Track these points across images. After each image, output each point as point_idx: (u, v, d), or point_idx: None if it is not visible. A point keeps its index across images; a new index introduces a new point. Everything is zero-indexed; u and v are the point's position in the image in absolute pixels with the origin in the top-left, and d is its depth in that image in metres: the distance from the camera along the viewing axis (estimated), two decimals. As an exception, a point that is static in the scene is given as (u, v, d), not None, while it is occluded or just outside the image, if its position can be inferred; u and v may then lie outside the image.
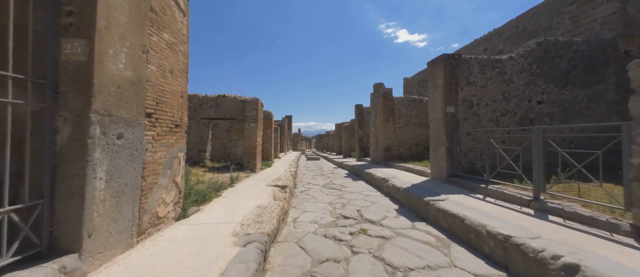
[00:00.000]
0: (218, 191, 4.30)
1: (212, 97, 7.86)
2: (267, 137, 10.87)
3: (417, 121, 8.66)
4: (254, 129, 7.44)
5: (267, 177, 6.15)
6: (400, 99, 8.62)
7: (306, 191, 5.61)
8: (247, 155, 7.40)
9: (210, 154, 10.08)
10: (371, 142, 9.87)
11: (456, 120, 5.12)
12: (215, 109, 7.81)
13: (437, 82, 5.25)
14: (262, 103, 8.04)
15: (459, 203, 3.41)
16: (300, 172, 9.25)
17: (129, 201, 2.00)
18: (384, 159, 8.44)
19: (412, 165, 6.92)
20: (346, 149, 15.83)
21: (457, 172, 4.91)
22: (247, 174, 6.76)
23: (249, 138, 7.42)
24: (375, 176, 6.16)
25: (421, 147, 8.65)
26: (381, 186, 5.63)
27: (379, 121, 8.77)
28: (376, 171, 6.85)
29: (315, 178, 7.67)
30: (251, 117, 7.44)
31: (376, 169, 7.16)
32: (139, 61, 2.08)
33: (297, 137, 39.11)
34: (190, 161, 7.56)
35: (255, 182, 5.38)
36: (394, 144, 8.51)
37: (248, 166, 7.37)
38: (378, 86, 9.13)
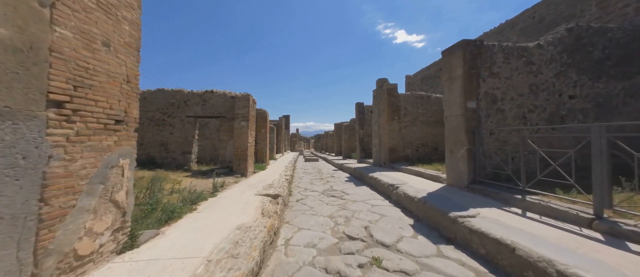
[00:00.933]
0: (195, 203, 3.52)
1: (199, 93, 7.08)
2: (261, 138, 10.10)
3: (424, 120, 7.93)
4: (245, 128, 6.67)
5: (259, 183, 5.38)
6: (406, 96, 7.89)
7: (303, 200, 4.85)
8: (237, 157, 6.63)
9: (198, 156, 9.29)
10: (374, 142, 9.13)
11: (478, 117, 4.37)
12: (202, 106, 7.03)
13: (455, 73, 4.51)
14: (254, 100, 7.26)
15: (496, 221, 2.67)
16: (297, 176, 8.49)
17: (9, 241, 1.23)
18: (389, 161, 7.70)
19: (421, 168, 6.17)
20: (346, 149, 15.09)
21: (480, 178, 4.16)
22: (237, 179, 5.99)
23: (239, 138, 6.64)
24: (381, 182, 5.41)
25: (429, 148, 7.92)
26: (389, 194, 4.88)
27: (383, 120, 8.02)
28: (381, 175, 6.09)
29: (313, 183, 6.91)
30: (241, 115, 6.66)
31: (381, 173, 6.41)
32: (30, 16, 1.31)
33: (295, 137, 38.35)
34: (172, 164, 6.78)
35: (244, 190, 4.60)
36: (399, 145, 7.77)
37: (238, 170, 6.59)
38: (381, 82, 8.38)
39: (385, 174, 6.28)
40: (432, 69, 13.15)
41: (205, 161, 9.22)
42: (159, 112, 6.93)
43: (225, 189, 4.73)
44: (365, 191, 5.66)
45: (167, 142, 6.90)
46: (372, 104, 9.36)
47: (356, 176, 7.68)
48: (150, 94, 6.96)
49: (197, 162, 8.82)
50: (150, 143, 6.86)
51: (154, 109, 6.93)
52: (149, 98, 6.95)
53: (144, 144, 6.85)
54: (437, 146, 7.95)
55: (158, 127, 6.91)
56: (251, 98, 6.90)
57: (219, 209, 3.31)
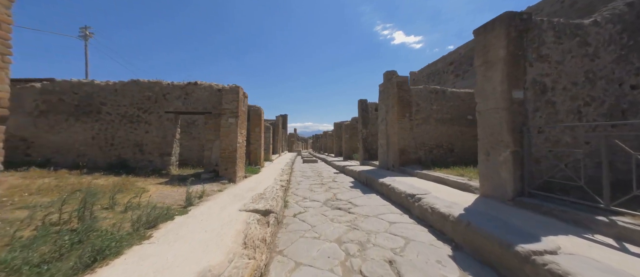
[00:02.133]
0: (152, 227, 2.55)
1: (180, 85, 6.09)
2: (255, 137, 9.13)
3: (439, 117, 7.00)
4: (234, 126, 5.70)
5: (248, 192, 4.42)
6: (418, 90, 6.96)
7: (302, 214, 3.89)
8: (224, 160, 5.65)
9: (183, 158, 8.31)
10: (380, 143, 8.19)
11: (525, 111, 3.45)
12: (183, 100, 6.04)
13: (494, 55, 3.58)
14: (245, 93, 6.29)
15: (593, 263, 1.74)
16: (294, 180, 7.53)
17: None
18: (399, 163, 6.76)
19: (442, 174, 5.24)
20: (347, 150, 14.15)
21: (531, 189, 3.23)
22: (222, 186, 5.02)
23: (227, 138, 5.67)
24: (396, 190, 4.46)
25: (444, 150, 7.00)
26: (409, 207, 3.94)
27: (392, 117, 7.09)
28: (394, 181, 5.15)
29: (313, 189, 5.95)
30: (229, 110, 5.69)
31: (393, 179, 5.47)
32: None
33: (293, 137, 37.37)
34: (148, 168, 5.79)
35: (227, 202, 3.63)
36: (410, 146, 6.84)
37: (225, 175, 5.62)
38: (390, 74, 7.45)
39: (399, 180, 5.34)
40: (439, 64, 12.25)
41: (192, 164, 8.23)
42: (133, 108, 5.93)
43: (204, 201, 3.76)
44: (375, 200, 4.71)
45: (143, 142, 5.90)
46: (378, 100, 8.43)
47: (362, 181, 6.74)
48: (122, 86, 5.96)
49: (181, 165, 7.83)
50: (122, 143, 5.86)
51: (127, 103, 5.93)
52: (121, 91, 5.94)
53: (115, 144, 5.84)
54: (453, 147, 7.04)
55: (132, 124, 5.91)
56: (241, 91, 5.93)
57: (184, 237, 2.34)
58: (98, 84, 5.91)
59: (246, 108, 6.57)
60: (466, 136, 7.08)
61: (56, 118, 5.72)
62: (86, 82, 5.90)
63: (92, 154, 5.73)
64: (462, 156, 6.99)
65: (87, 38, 17.45)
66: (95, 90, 5.87)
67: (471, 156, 7.02)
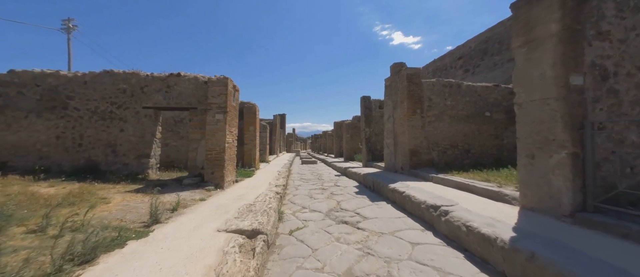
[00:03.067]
0: (88, 262, 1.79)
1: (161, 77, 5.32)
2: (249, 137, 8.37)
3: (453, 114, 6.27)
4: (221, 123, 4.93)
5: (235, 202, 3.66)
6: (431, 84, 6.22)
7: (300, 231, 3.14)
8: (209, 162, 4.89)
9: (169, 160, 7.53)
10: (386, 142, 7.45)
11: (585, 101, 2.72)
12: (164, 94, 5.27)
13: (543, 31, 2.84)
14: (236, 86, 5.53)
15: None
16: (292, 184, 6.78)
17: None
18: (410, 166, 6.02)
19: (463, 178, 4.50)
20: (348, 151, 13.41)
21: (598, 202, 2.50)
22: (207, 192, 4.27)
23: (213, 137, 4.90)
24: (414, 200, 3.72)
25: (460, 151, 6.26)
26: (432, 221, 3.21)
27: (402, 114, 6.35)
28: (409, 187, 4.41)
29: (313, 196, 5.20)
30: (217, 105, 4.93)
31: (406, 184, 4.73)
32: None
33: (291, 137, 36.61)
34: (123, 171, 5.01)
35: (205, 218, 2.87)
36: (422, 146, 6.10)
37: (212, 179, 4.86)
38: (398, 66, 6.71)
39: (413, 185, 4.59)
40: (446, 59, 11.53)
41: (180, 167, 7.44)
42: (106, 102, 5.15)
43: (178, 215, 3.00)
44: (387, 211, 3.97)
45: (116, 143, 5.12)
46: (384, 96, 7.69)
47: (368, 185, 5.99)
48: (93, 78, 5.17)
49: (167, 167, 7.05)
50: (92, 143, 5.07)
51: (98, 97, 5.15)
52: (91, 83, 5.16)
53: (84, 144, 5.05)
54: (470, 148, 6.31)
55: (104, 122, 5.13)
56: (230, 83, 5.17)
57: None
58: (64, 75, 5.12)
59: (237, 103, 5.81)
60: (484, 135, 6.35)
61: (14, 115, 4.93)
62: (50, 72, 5.11)
63: (56, 156, 4.95)
64: (479, 157, 6.27)
65: (69, 31, 16.51)
66: (61, 82, 5.08)
67: (489, 158, 6.30)
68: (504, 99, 6.47)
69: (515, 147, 6.44)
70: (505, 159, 6.33)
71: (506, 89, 6.51)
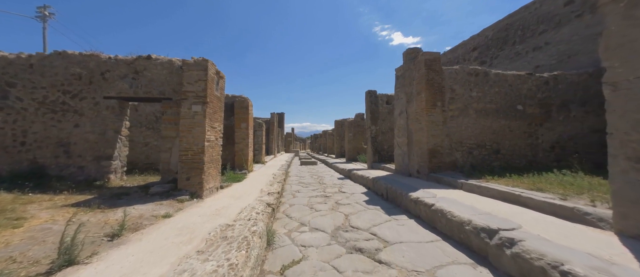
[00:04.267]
0: None
1: (127, 60, 4.33)
2: (241, 135, 7.38)
3: (480, 107, 5.30)
4: (199, 116, 3.96)
5: (209, 220, 2.69)
6: (454, 72, 5.24)
7: (295, 266, 2.17)
8: (184, 165, 3.91)
9: (146, 162, 6.55)
10: (397, 141, 6.48)
11: None
12: (131, 81, 4.29)
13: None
14: (220, 73, 4.56)
15: None
16: (289, 189, 5.80)
17: None
18: (428, 169, 5.05)
19: (510, 187, 3.52)
20: (350, 151, 12.43)
21: None
22: (179, 204, 3.29)
23: (189, 133, 3.92)
24: (452, 217, 2.75)
25: (488, 151, 5.29)
26: (484, 249, 2.24)
27: (419, 107, 5.37)
28: (437, 199, 3.44)
29: (314, 206, 4.23)
30: (193, 94, 3.95)
31: (431, 193, 3.76)
32: None
33: (290, 137, 35.63)
34: (77, 177, 4.03)
35: (152, 253, 1.89)
36: (444, 145, 5.12)
37: (187, 186, 3.88)
38: (414, 52, 5.73)
39: (441, 195, 3.62)
40: (459, 50, 10.57)
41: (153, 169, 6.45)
42: (57, 91, 4.17)
43: (115, 247, 2.02)
44: (413, 230, 2.99)
45: (70, 141, 4.13)
46: (395, 89, 6.72)
47: (380, 192, 5.01)
48: (41, 61, 4.18)
49: (143, 170, 6.07)
50: (38, 142, 4.08)
51: (47, 85, 4.15)
52: (39, 67, 4.16)
53: (28, 143, 4.06)
54: (499, 147, 5.33)
55: (54, 115, 4.14)
56: (212, 67, 4.19)
57: None
58: (5, 56, 4.13)
59: (222, 93, 4.83)
60: (515, 133, 5.39)
61: (-61, 105, 3.94)
62: (-14, 53, 4.12)
63: (-9, 157, 3.95)
64: (510, 158, 5.30)
65: (45, 18, 15.37)
66: (0, 65, 4.09)
67: (522, 159, 5.34)
68: (538, 90, 5.51)
69: (552, 147, 5.49)
70: (541, 161, 5.37)
71: (541, 79, 5.54)
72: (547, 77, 5.55)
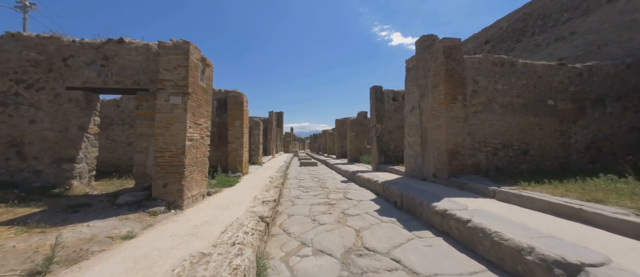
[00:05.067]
0: None
1: (94, 43, 3.65)
2: (234, 134, 6.71)
3: (506, 102, 4.63)
4: (179, 109, 3.28)
5: (182, 244, 2.03)
6: (476, 62, 4.57)
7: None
8: (161, 169, 3.23)
9: (123, 164, 5.88)
10: (409, 141, 5.81)
11: None
12: (99, 69, 3.61)
13: None
14: (206, 59, 3.89)
15: None
16: (288, 194, 5.13)
17: None
18: (449, 172, 4.38)
19: (562, 199, 2.86)
20: (353, 151, 11.77)
21: None
22: (150, 219, 2.63)
23: (166, 131, 3.25)
24: (502, 241, 2.07)
25: (515, 151, 4.62)
26: (570, 299, 1.56)
27: (436, 102, 4.71)
28: (470, 211, 2.78)
29: (316, 218, 3.56)
30: (172, 83, 3.28)
31: (460, 203, 3.10)
32: None
33: (289, 137, 34.95)
34: (31, 183, 3.34)
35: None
36: (465, 145, 4.46)
37: (163, 195, 3.20)
38: (429, 39, 5.06)
39: (475, 206, 2.96)
40: (469, 44, 9.90)
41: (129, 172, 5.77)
42: (9, 80, 3.49)
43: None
44: (445, 254, 2.33)
45: (24, 140, 3.45)
46: (406, 83, 6.06)
47: (392, 199, 4.35)
48: (-11, 43, 3.49)
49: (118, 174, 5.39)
50: (-15, 141, 3.39)
51: (-3, 72, 3.47)
52: (-13, 50, 3.48)
53: (-29, 142, 3.37)
54: (528, 148, 4.66)
55: (4, 108, 3.46)
56: (196, 52, 3.51)
57: None
58: (-56, 38, 3.44)
59: (209, 85, 4.15)
60: (545, 131, 4.72)
61: None
62: None
63: None
64: (540, 160, 4.64)
65: (25, 9, 14.45)
66: (-61, 49, 3.40)
67: (553, 161, 4.68)
68: (571, 82, 4.85)
69: (587, 148, 4.81)
70: (574, 163, 4.72)
71: (574, 70, 4.88)
72: (581, 69, 4.89)
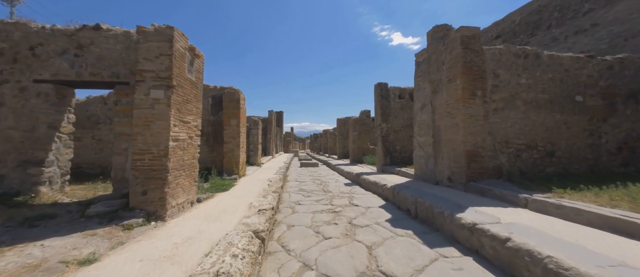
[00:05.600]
0: None
1: (68, 31, 3.20)
2: (230, 133, 6.26)
3: (530, 98, 4.18)
4: (162, 105, 2.84)
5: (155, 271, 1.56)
6: (497, 53, 4.12)
7: None
8: (140, 174, 2.78)
9: (97, 165, 5.45)
10: (419, 141, 5.36)
11: None
12: (73, 59, 3.16)
13: None
14: (194, 48, 3.44)
15: None
16: (287, 199, 4.68)
17: None
18: (467, 176, 3.93)
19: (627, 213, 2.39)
20: (355, 151, 11.32)
21: None
22: (123, 234, 2.17)
23: (147, 130, 2.81)
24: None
25: (540, 153, 4.16)
26: None
27: (451, 98, 4.26)
28: (504, 225, 2.33)
29: (320, 226, 3.11)
30: (153, 74, 2.83)
31: (491, 215, 2.66)
32: None
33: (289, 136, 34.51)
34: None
35: None
36: (485, 145, 4.01)
37: (142, 204, 2.76)
38: (443, 29, 4.61)
39: (510, 219, 2.51)
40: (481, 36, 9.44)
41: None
42: (-33, 71, 3.03)
43: None
44: (484, 283, 1.87)
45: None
46: (415, 78, 5.60)
47: (405, 207, 3.89)
48: (-56, 28, 3.05)
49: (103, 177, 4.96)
50: (-63, 141, 2.95)
51: (-48, 61, 3.02)
52: (-59, 37, 3.03)
53: None
54: (554, 149, 4.21)
55: (-38, 103, 3.01)
56: (181, 39, 3.06)
57: None
58: None
59: (199, 78, 3.70)
60: (573, 130, 4.27)
61: None
62: None
63: None
64: (567, 162, 4.18)
65: (13, 2, 13.95)
66: None
67: (582, 163, 4.22)
68: (601, 76, 4.39)
69: (618, 149, 4.32)
70: (605, 165, 4.26)
71: (604, 63, 4.42)
72: (611, 61, 4.43)
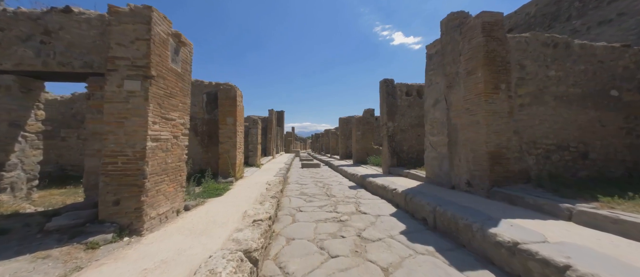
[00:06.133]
0: None
1: (33, 14, 2.78)
2: (227, 133, 5.82)
3: (560, 92, 3.71)
4: (139, 98, 2.40)
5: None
6: (523, 42, 3.65)
7: None
8: (111, 180, 2.34)
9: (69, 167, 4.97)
10: (431, 141, 4.90)
11: None
12: (39, 46, 2.73)
13: None
14: (179, 35, 3.01)
15: None
16: (288, 204, 4.24)
17: None
18: (490, 181, 3.46)
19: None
20: (359, 152, 10.86)
21: None
22: (84, 254, 1.72)
23: (119, 128, 2.37)
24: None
25: (572, 154, 3.69)
26: None
27: (471, 92, 3.79)
28: (571, 251, 1.88)
29: (324, 241, 2.66)
30: (128, 62, 2.40)
31: (529, 230, 2.20)
32: None
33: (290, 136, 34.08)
34: None
35: None
36: (511, 146, 3.54)
37: (114, 216, 2.31)
38: (459, 17, 4.14)
39: (560, 238, 2.05)
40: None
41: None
42: None
43: None
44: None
45: None
46: (427, 72, 5.14)
47: (420, 215, 3.43)
48: None
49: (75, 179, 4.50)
50: None
51: None
52: None
53: None
54: (588, 149, 3.74)
55: None
56: (162, 22, 2.62)
57: None
58: None
59: (186, 70, 3.26)
60: (608, 129, 3.80)
61: None
62: None
63: None
64: (603, 165, 3.71)
65: None
66: None
67: (619, 166, 3.75)
68: (638, 68, 3.92)
69: (659, 149, 3.87)
70: (645, 168, 3.78)
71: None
72: (650, 51, 3.96)
